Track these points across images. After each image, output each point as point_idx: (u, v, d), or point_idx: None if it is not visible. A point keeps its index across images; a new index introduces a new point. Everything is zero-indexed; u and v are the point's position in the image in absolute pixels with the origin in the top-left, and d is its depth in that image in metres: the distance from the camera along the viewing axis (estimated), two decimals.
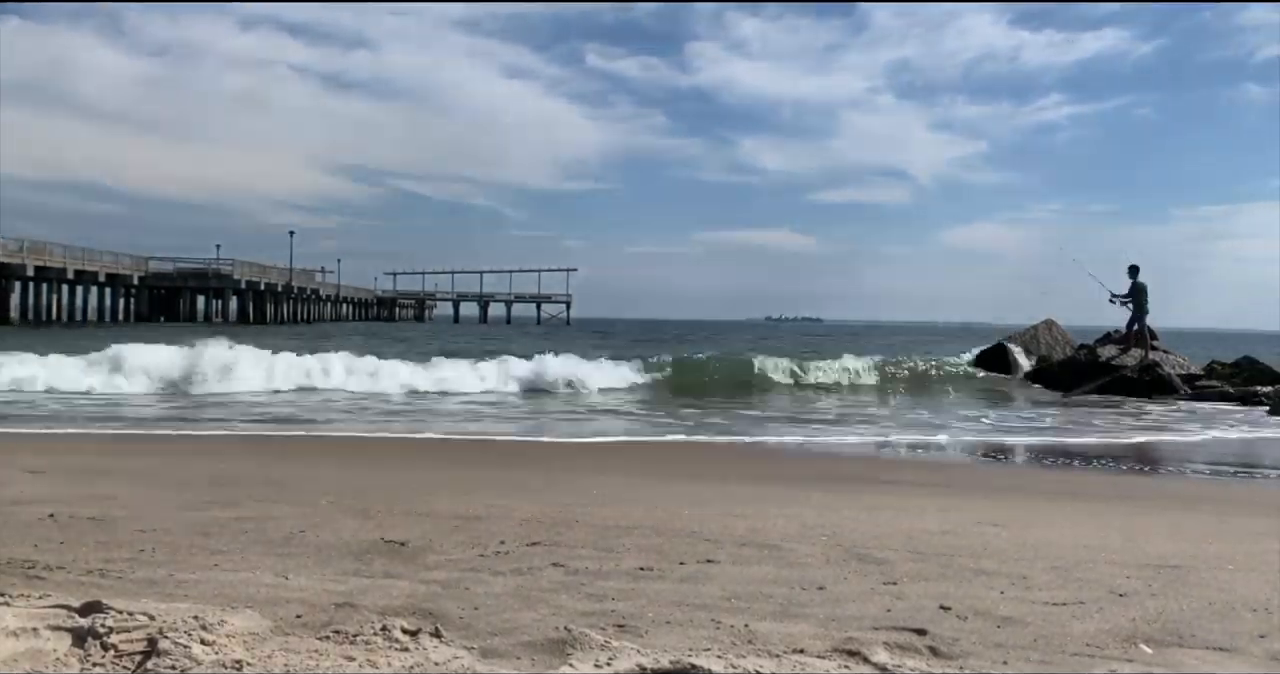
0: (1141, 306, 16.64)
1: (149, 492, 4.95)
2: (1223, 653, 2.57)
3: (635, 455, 8.38)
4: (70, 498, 4.53)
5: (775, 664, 2.27)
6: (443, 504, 4.73)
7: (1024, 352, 18.82)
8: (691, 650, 2.33)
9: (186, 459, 7.04)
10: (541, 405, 14.27)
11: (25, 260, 42.07)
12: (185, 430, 9.84)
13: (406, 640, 2.31)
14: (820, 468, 7.96)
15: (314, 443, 9.15)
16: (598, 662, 2.22)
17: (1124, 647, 2.59)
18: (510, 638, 2.46)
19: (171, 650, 2.13)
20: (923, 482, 6.93)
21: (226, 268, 55.78)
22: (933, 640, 2.55)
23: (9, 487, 4.88)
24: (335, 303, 79.36)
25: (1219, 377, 16.55)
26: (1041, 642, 2.61)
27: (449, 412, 12.89)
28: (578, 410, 13.59)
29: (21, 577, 2.95)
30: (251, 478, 5.69)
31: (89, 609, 2.39)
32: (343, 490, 5.16)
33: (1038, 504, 5.75)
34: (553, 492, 5.46)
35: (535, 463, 7.59)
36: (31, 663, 2.10)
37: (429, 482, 6.00)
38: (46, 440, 8.54)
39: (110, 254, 50.24)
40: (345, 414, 12.00)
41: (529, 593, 2.96)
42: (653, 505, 4.90)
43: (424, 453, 8.35)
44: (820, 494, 5.84)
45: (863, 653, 2.37)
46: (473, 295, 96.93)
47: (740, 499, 5.35)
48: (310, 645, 2.27)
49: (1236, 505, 5.87)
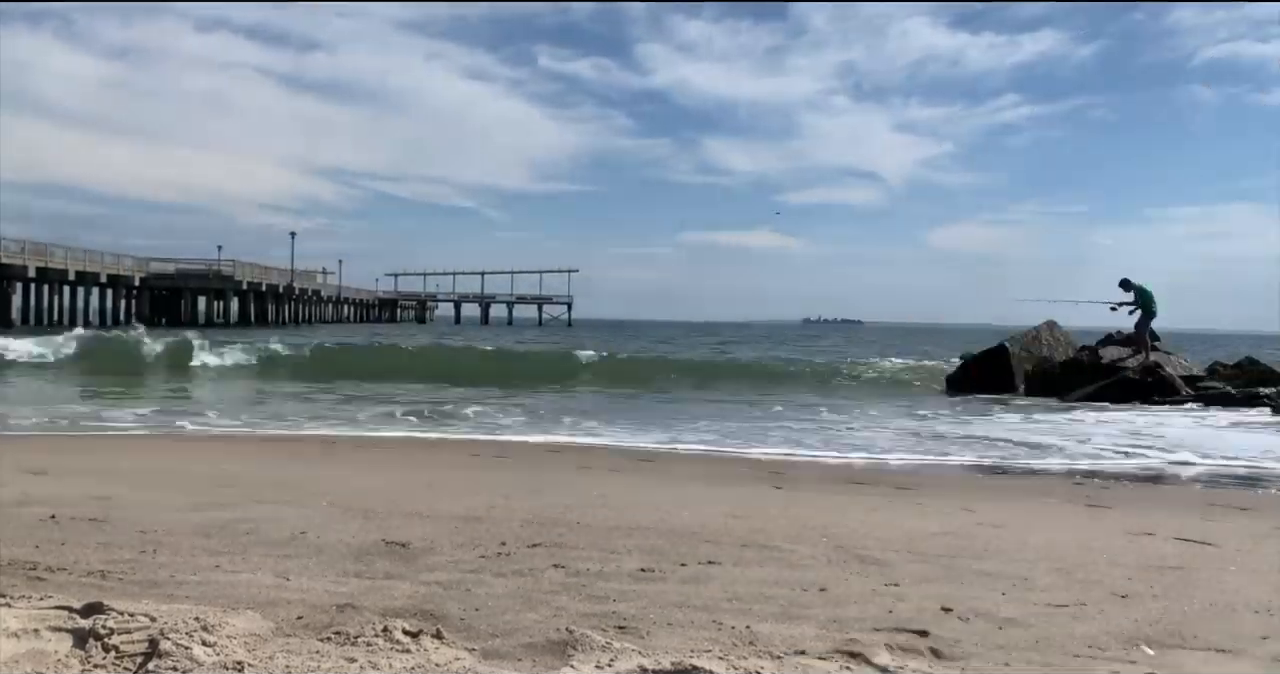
0: (1149, 309, 16.62)
1: (150, 493, 4.95)
2: (1225, 654, 2.57)
3: (635, 455, 8.37)
4: (71, 499, 4.53)
5: (777, 665, 2.27)
6: (444, 505, 4.73)
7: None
8: (693, 652, 2.33)
9: (187, 460, 7.04)
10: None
11: (27, 262, 42.09)
12: (185, 430, 9.84)
13: (408, 642, 2.31)
14: (817, 470, 7.96)
15: (314, 443, 9.15)
16: (599, 663, 2.22)
17: (1126, 648, 2.59)
18: (511, 639, 2.45)
19: (173, 651, 2.13)
20: (924, 483, 6.93)
21: (228, 269, 55.77)
22: (935, 642, 2.55)
23: (10, 487, 4.88)
24: (337, 304, 79.38)
25: (1221, 378, 16.52)
26: (1043, 643, 2.60)
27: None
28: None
29: (23, 578, 2.95)
30: (252, 479, 5.68)
31: (90, 610, 2.39)
32: (343, 491, 5.16)
33: (1038, 504, 5.75)
34: (554, 492, 5.46)
35: (535, 462, 7.58)
36: (33, 664, 2.10)
37: (429, 482, 6.00)
38: (48, 441, 8.54)
39: (111, 255, 50.22)
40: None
41: (530, 594, 2.96)
42: (653, 506, 4.90)
43: (424, 453, 8.34)
44: (820, 495, 5.85)
45: (864, 654, 2.37)
46: (474, 296, 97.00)
47: (738, 500, 5.35)
48: (311, 647, 2.27)
49: (1236, 506, 5.86)
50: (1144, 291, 16.59)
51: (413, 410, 12.15)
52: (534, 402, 14.07)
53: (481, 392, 15.37)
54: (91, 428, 9.76)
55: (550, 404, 13.87)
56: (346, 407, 12.90)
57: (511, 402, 13.92)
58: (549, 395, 15.66)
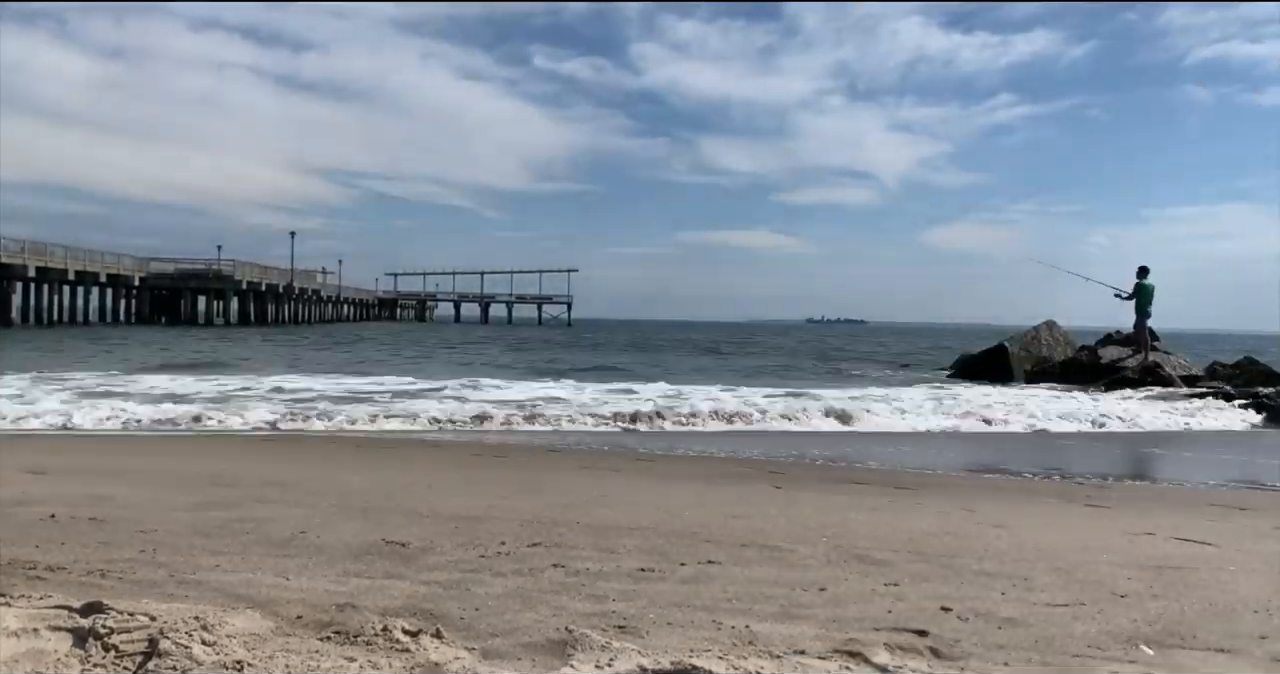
0: (1142, 308, 16.61)
1: (150, 492, 4.95)
2: (1224, 654, 2.57)
3: (633, 455, 8.37)
4: (71, 498, 4.53)
5: (776, 665, 2.27)
6: (443, 505, 4.73)
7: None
8: (692, 651, 2.33)
9: (187, 460, 7.04)
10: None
11: (27, 261, 42.08)
12: (185, 430, 9.84)
13: (407, 641, 2.31)
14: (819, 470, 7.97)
15: (314, 442, 9.15)
16: (598, 663, 2.22)
17: (1125, 648, 2.59)
18: (511, 639, 2.45)
19: (172, 651, 2.13)
20: (924, 483, 6.93)
21: (228, 269, 55.77)
22: (934, 641, 2.55)
23: (10, 487, 4.88)
24: (336, 303, 79.40)
25: (1220, 377, 16.52)
26: (1043, 643, 2.60)
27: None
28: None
29: (23, 577, 2.95)
30: (252, 478, 5.68)
31: (90, 610, 2.39)
32: (343, 491, 5.16)
33: (1037, 504, 5.75)
34: (554, 492, 5.46)
35: (535, 462, 7.59)
36: (32, 663, 2.10)
37: (429, 482, 6.00)
38: (48, 441, 8.54)
39: (111, 255, 50.21)
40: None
41: (530, 594, 2.96)
42: (653, 507, 4.91)
43: (424, 452, 8.34)
44: (820, 495, 5.85)
45: (864, 654, 2.37)
46: (474, 296, 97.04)
47: (738, 500, 5.35)
48: (311, 646, 2.27)
49: (1236, 506, 5.86)
50: (1143, 289, 16.57)
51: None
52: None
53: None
54: (87, 430, 9.76)
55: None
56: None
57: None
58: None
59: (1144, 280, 16.63)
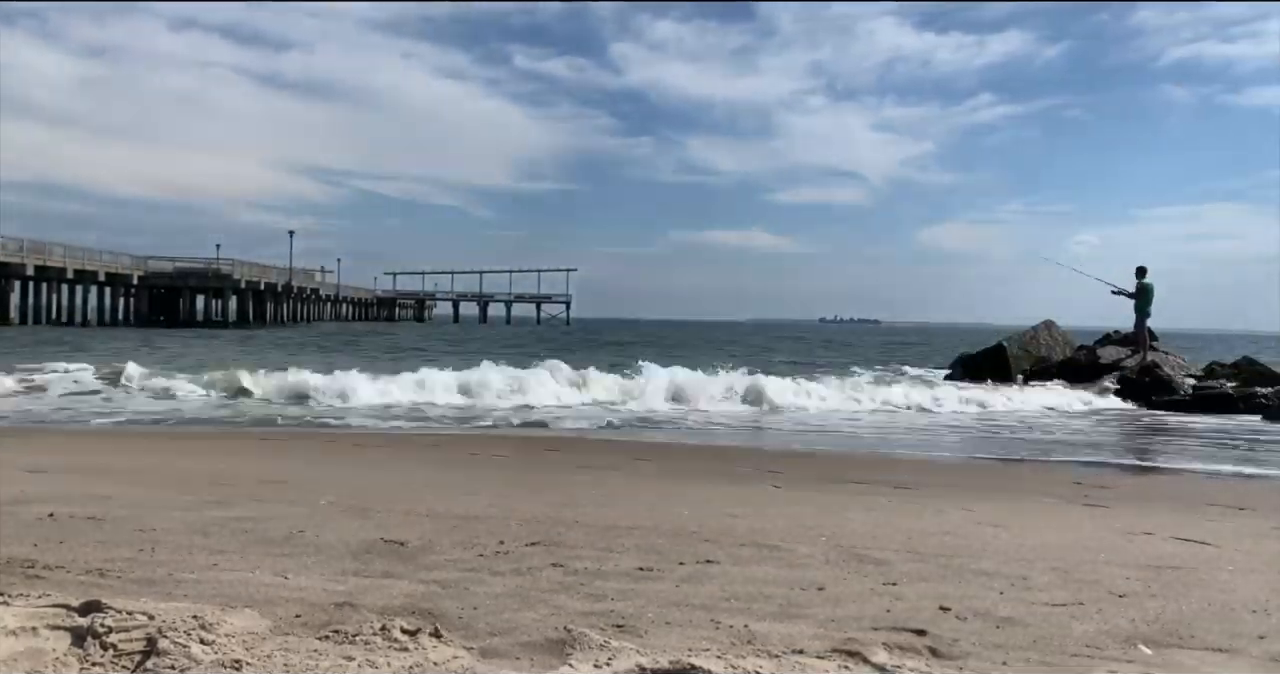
0: (1142, 308, 16.61)
1: (149, 491, 4.95)
2: (1222, 654, 2.57)
3: (631, 456, 8.36)
4: (70, 497, 4.53)
5: (775, 665, 2.27)
6: (442, 504, 4.73)
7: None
8: (691, 650, 2.33)
9: (186, 459, 7.03)
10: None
11: (25, 260, 42.05)
12: (185, 430, 9.84)
13: (406, 640, 2.31)
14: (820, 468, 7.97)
15: (314, 442, 9.15)
16: (597, 662, 2.22)
17: (1123, 647, 2.59)
18: (510, 638, 2.45)
19: (171, 650, 2.13)
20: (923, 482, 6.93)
21: (226, 267, 55.73)
22: (932, 641, 2.55)
23: (9, 486, 4.87)
24: (335, 303, 79.35)
25: (1219, 378, 16.52)
26: (1041, 642, 2.60)
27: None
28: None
29: (21, 576, 2.95)
30: (251, 477, 5.68)
31: (88, 609, 2.39)
32: (342, 490, 5.15)
33: (1036, 504, 5.75)
34: (552, 491, 5.46)
35: (534, 461, 7.58)
36: (31, 662, 2.10)
37: (428, 481, 6.00)
38: (47, 440, 8.53)
39: (110, 253, 50.17)
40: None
41: (528, 593, 2.96)
42: (652, 505, 4.90)
43: (425, 452, 8.34)
44: (819, 494, 5.85)
45: (862, 653, 2.37)
46: (472, 295, 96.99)
47: (737, 499, 5.35)
48: (309, 645, 2.27)
49: (1235, 506, 5.86)
50: (1146, 289, 16.56)
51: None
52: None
53: None
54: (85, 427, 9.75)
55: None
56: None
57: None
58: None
59: (1144, 280, 16.64)
